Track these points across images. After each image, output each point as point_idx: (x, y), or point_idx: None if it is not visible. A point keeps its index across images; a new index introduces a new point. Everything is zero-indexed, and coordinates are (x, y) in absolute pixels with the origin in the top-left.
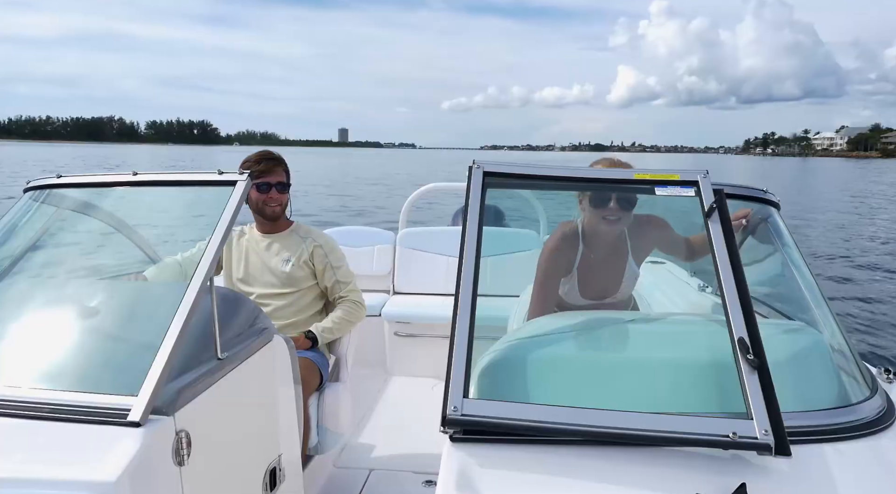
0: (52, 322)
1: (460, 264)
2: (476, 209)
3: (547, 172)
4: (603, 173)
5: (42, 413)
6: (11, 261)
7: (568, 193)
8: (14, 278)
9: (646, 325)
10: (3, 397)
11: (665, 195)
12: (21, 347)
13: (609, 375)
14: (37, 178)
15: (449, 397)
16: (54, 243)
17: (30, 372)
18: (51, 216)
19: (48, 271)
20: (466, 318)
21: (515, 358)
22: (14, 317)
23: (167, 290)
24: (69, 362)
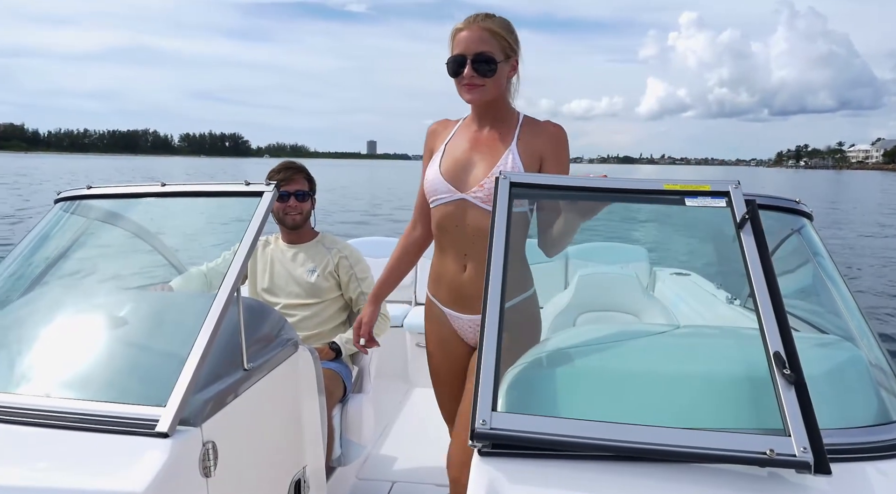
0: (81, 332)
1: (487, 276)
2: (503, 220)
3: (572, 182)
4: (630, 184)
5: (71, 423)
6: (42, 271)
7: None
8: (44, 287)
9: (676, 337)
10: (34, 406)
11: (696, 206)
12: (51, 356)
13: (640, 388)
14: (67, 189)
15: (477, 410)
16: (83, 253)
17: (59, 382)
18: (80, 227)
19: (77, 281)
20: (494, 330)
21: (544, 371)
22: (44, 327)
23: (194, 300)
24: (98, 371)
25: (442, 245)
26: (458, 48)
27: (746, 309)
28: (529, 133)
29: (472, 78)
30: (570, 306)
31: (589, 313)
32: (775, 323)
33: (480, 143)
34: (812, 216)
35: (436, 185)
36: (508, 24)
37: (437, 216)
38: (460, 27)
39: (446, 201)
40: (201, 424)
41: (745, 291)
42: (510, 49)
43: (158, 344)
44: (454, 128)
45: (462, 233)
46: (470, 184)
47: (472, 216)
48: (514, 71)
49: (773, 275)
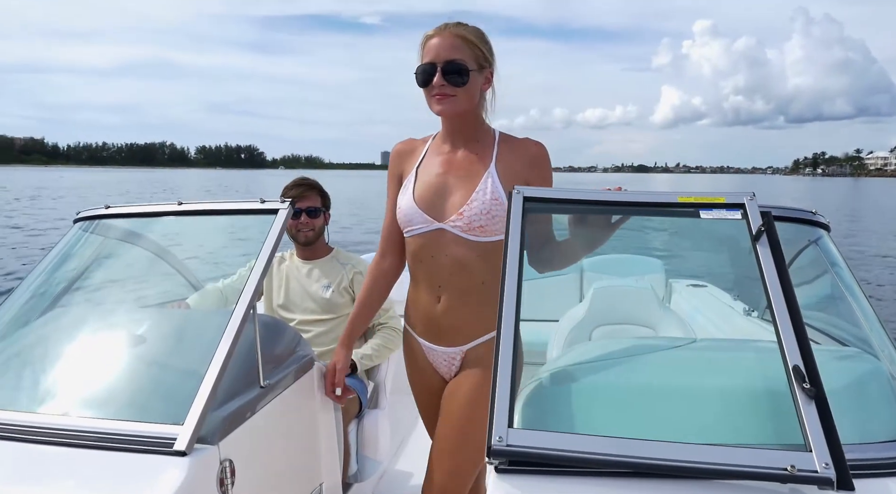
0: (100, 350)
1: (502, 291)
2: (517, 234)
3: (586, 196)
4: (645, 197)
5: (91, 442)
6: (61, 290)
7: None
8: (63, 306)
9: (694, 351)
10: (53, 425)
11: (710, 218)
12: (70, 375)
13: (657, 403)
14: (86, 209)
15: (493, 427)
16: (102, 272)
17: (79, 401)
18: (99, 245)
19: (96, 300)
20: (509, 346)
21: (560, 386)
22: (63, 345)
23: (211, 318)
24: (117, 390)
25: (416, 276)
26: (427, 56)
27: (764, 321)
28: (508, 153)
29: (443, 87)
30: (586, 319)
31: (605, 326)
32: (794, 337)
33: (456, 166)
34: (829, 227)
35: (410, 215)
36: (482, 33)
37: (413, 247)
38: (430, 34)
39: (422, 231)
40: (218, 442)
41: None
42: (484, 59)
43: (176, 362)
44: (423, 149)
45: (437, 264)
46: (448, 212)
47: (451, 247)
48: (488, 84)
49: (790, 288)
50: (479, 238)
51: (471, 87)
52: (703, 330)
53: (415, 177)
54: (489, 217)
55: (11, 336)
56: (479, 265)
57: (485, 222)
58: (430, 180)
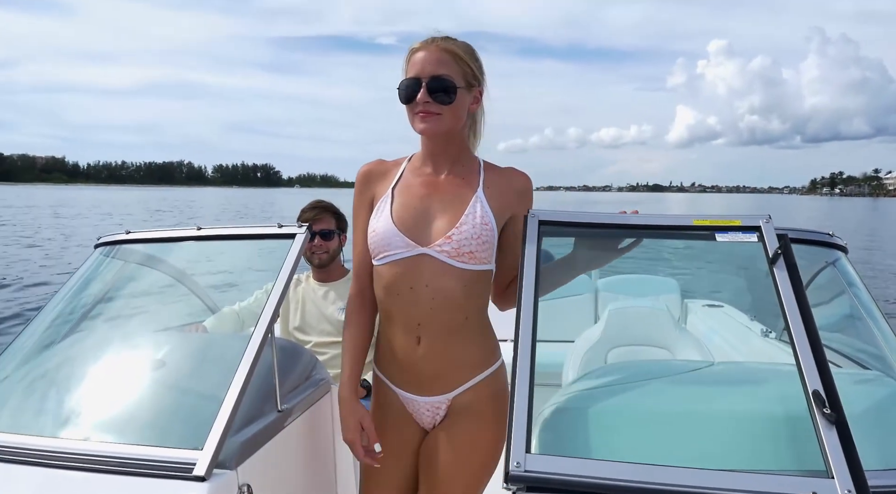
0: (121, 375)
1: (518, 315)
2: (532, 258)
3: (601, 219)
4: (660, 220)
5: (111, 467)
6: (82, 315)
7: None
8: (84, 331)
9: (712, 375)
10: (74, 450)
11: (726, 241)
12: (90, 400)
13: (677, 428)
14: (107, 234)
15: (511, 452)
16: (122, 296)
17: (99, 425)
18: (118, 270)
19: (116, 324)
20: (526, 372)
21: (578, 410)
22: (83, 370)
23: (229, 342)
24: (137, 414)
25: (389, 313)
26: (412, 70)
27: (782, 342)
28: (495, 183)
29: (427, 104)
30: (601, 341)
31: (620, 347)
32: (813, 361)
33: (440, 188)
34: (847, 249)
35: (387, 238)
36: (472, 49)
37: (387, 277)
38: (416, 47)
39: (401, 256)
40: (237, 467)
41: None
42: (472, 76)
43: (195, 386)
44: (398, 171)
45: (416, 297)
46: (433, 236)
47: (433, 276)
48: (477, 104)
49: (808, 311)
50: (467, 266)
51: (457, 105)
52: (720, 352)
53: (391, 198)
54: (479, 242)
55: (34, 360)
56: (463, 299)
57: (475, 248)
58: (411, 202)
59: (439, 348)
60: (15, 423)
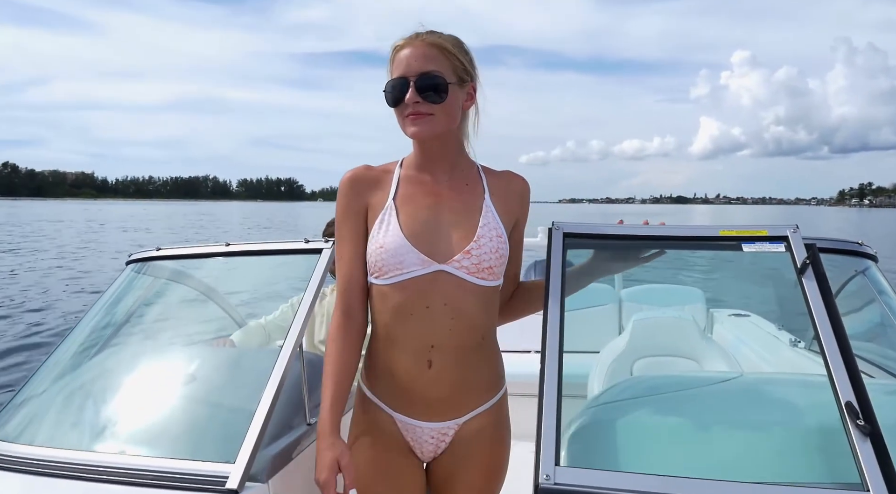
0: (152, 389)
1: (545, 327)
2: (558, 271)
3: (626, 231)
4: (686, 231)
5: (144, 480)
6: (114, 330)
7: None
8: (116, 346)
9: (742, 386)
10: (108, 463)
11: (753, 252)
12: (123, 414)
13: (707, 440)
14: (138, 250)
15: (541, 465)
16: (152, 311)
17: (132, 439)
18: (149, 286)
19: (147, 339)
20: (554, 384)
21: (607, 423)
22: (116, 385)
23: (259, 356)
24: (169, 428)
25: (393, 335)
26: (398, 70)
27: (812, 352)
28: (498, 188)
29: (417, 105)
30: (627, 351)
31: (646, 358)
32: (845, 372)
33: (446, 197)
34: (877, 258)
35: (400, 254)
36: (460, 41)
37: (397, 296)
38: (400, 45)
39: (417, 274)
40: (268, 480)
41: (810, 332)
42: (464, 71)
43: (226, 400)
44: (392, 178)
45: (433, 318)
46: (450, 251)
47: (453, 294)
48: (471, 100)
49: (839, 321)
50: (486, 282)
51: (450, 103)
52: (748, 362)
53: (394, 209)
54: (497, 256)
55: (69, 375)
56: (481, 316)
57: (494, 263)
58: (419, 213)
59: (453, 371)
60: (51, 437)
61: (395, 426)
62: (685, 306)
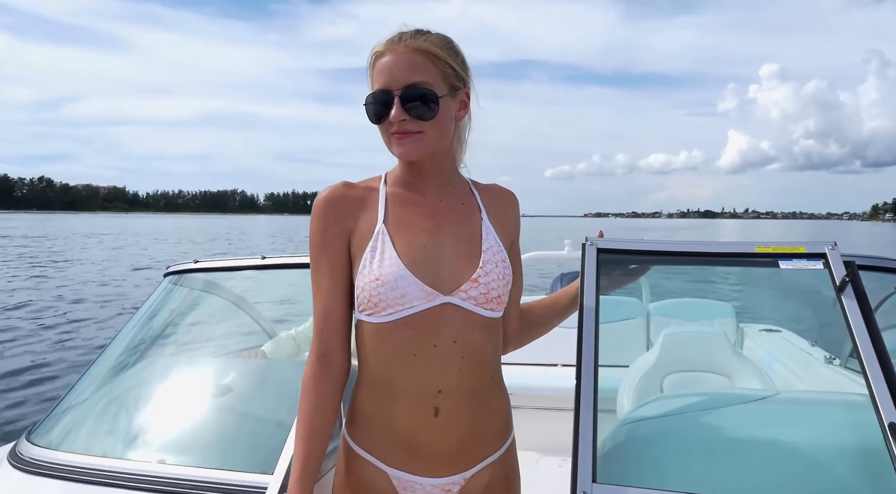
0: (189, 400)
1: (580, 345)
2: (592, 288)
3: (661, 247)
4: (721, 247)
5: (184, 490)
6: (152, 341)
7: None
8: (154, 357)
9: (779, 404)
10: (146, 472)
11: (790, 269)
12: (162, 424)
13: (744, 460)
14: (175, 263)
15: (578, 482)
16: (189, 322)
17: (170, 448)
18: (184, 297)
19: (184, 350)
20: (590, 400)
21: (643, 440)
22: (154, 395)
23: (293, 367)
24: (207, 438)
25: (392, 380)
26: (379, 80)
27: (848, 370)
28: (492, 205)
29: (404, 123)
30: (656, 366)
31: (676, 374)
32: (888, 392)
33: (443, 219)
34: None
35: (402, 287)
36: (451, 42)
37: (400, 336)
38: (381, 50)
39: (420, 309)
40: None
41: (845, 349)
42: (456, 78)
43: (258, 411)
44: (378, 197)
45: (439, 357)
46: (456, 281)
47: (462, 329)
48: (465, 110)
49: (880, 340)
50: (493, 313)
51: (442, 118)
52: (781, 379)
53: (387, 235)
54: (504, 283)
55: (108, 385)
56: (490, 353)
57: (502, 291)
58: (416, 239)
59: (463, 417)
60: (91, 445)
61: (389, 484)
62: (714, 321)
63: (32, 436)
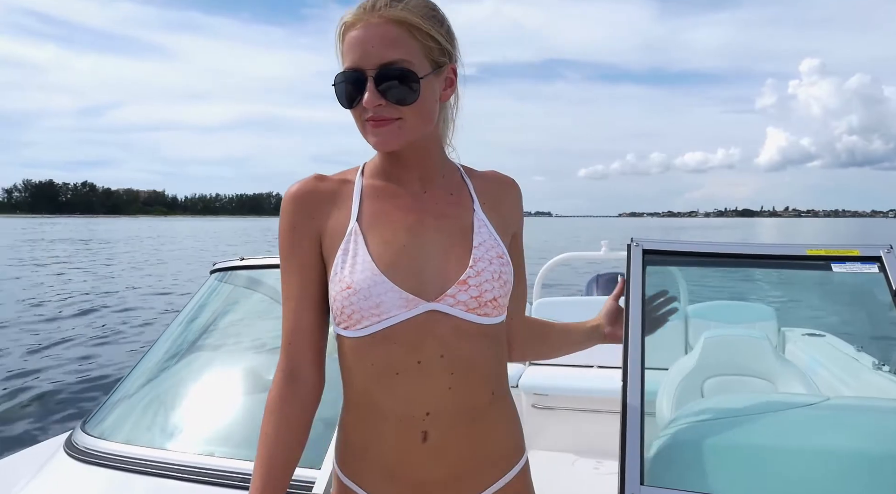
0: (236, 393)
1: (626, 348)
2: (638, 290)
3: (709, 248)
4: (771, 249)
5: (230, 481)
6: (196, 336)
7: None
8: (199, 351)
9: (831, 410)
10: (193, 463)
11: (843, 272)
12: (208, 416)
13: (795, 466)
14: (221, 260)
15: (626, 485)
16: (233, 318)
17: (216, 440)
18: (229, 294)
19: (230, 345)
20: (637, 404)
21: (690, 443)
22: (200, 388)
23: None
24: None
25: (374, 402)
26: (349, 57)
27: None
28: (488, 194)
29: (380, 108)
30: (696, 370)
31: (717, 377)
32: None
33: (428, 212)
34: None
35: (377, 294)
36: (434, 8)
37: (378, 352)
38: (349, 21)
39: (400, 319)
40: None
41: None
42: (440, 52)
43: None
44: (353, 190)
45: (425, 375)
46: (441, 284)
47: (451, 341)
48: (451, 88)
49: None
50: (490, 319)
51: (423, 101)
52: (827, 385)
53: (361, 233)
54: (501, 284)
55: (156, 379)
56: (489, 365)
57: (498, 292)
58: (395, 237)
59: (457, 442)
60: (140, 436)
61: None
62: (755, 324)
63: (87, 426)
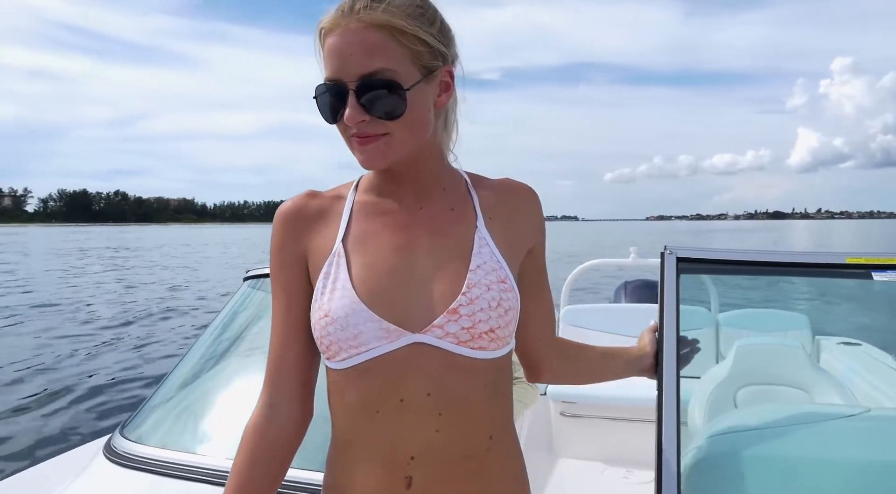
0: None
1: (659, 358)
2: (672, 298)
3: (745, 256)
4: (809, 257)
5: None
6: (230, 342)
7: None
8: (231, 358)
9: (872, 421)
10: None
11: (885, 281)
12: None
13: (836, 479)
14: (254, 268)
15: None
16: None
17: None
18: (262, 300)
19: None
20: (673, 415)
21: (727, 454)
22: (235, 394)
23: None
24: None
25: (355, 442)
26: (329, 67)
27: None
28: (497, 206)
29: (364, 124)
30: (729, 378)
31: (750, 386)
32: None
33: (423, 231)
34: None
35: (356, 324)
36: (422, 5)
37: (358, 388)
38: (328, 26)
39: (379, 353)
40: None
41: None
42: (431, 55)
43: None
44: (343, 207)
45: (409, 414)
46: (428, 313)
47: (439, 377)
48: (448, 93)
49: None
50: (486, 353)
51: (413, 114)
52: (865, 395)
53: (344, 255)
54: (501, 312)
55: (192, 384)
56: (486, 407)
57: (496, 322)
58: (379, 260)
59: (446, 489)
60: (175, 441)
61: None
62: (788, 333)
63: (125, 431)
